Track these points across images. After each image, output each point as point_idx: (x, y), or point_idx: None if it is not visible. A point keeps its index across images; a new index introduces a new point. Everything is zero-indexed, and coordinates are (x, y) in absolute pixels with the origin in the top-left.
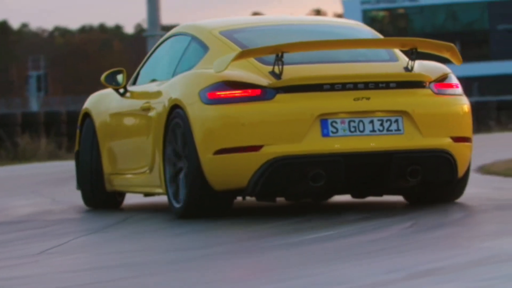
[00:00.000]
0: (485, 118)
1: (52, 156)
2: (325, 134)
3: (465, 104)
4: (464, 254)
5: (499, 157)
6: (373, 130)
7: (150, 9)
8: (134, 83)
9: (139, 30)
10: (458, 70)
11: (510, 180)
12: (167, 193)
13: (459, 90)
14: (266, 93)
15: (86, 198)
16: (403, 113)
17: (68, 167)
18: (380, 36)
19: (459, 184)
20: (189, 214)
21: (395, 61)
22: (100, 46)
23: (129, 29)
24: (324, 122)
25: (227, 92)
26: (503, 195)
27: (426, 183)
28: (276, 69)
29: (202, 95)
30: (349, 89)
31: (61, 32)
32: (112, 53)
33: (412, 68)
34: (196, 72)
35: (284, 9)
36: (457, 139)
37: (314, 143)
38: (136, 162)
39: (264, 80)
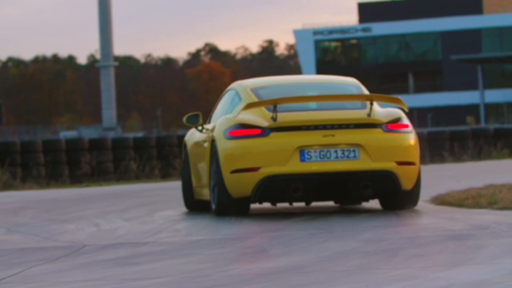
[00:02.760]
0: (438, 148)
1: (6, 186)
2: (302, 160)
3: (411, 139)
4: (417, 284)
5: (453, 188)
6: (337, 157)
7: (102, 40)
8: (209, 122)
9: (92, 60)
10: (412, 101)
11: (463, 210)
12: (210, 200)
13: (408, 128)
14: (264, 132)
15: (186, 204)
16: (359, 145)
17: (22, 197)
18: (364, 91)
19: (413, 195)
20: (219, 214)
21: (363, 109)
22: (53, 77)
23: (82, 59)
24: (302, 152)
25: (240, 131)
26: (456, 225)
27: (377, 194)
28: (274, 115)
29: (225, 133)
30: (320, 129)
31: (15, 63)
32: (65, 83)
33: (371, 113)
34: (225, 117)
35: (238, 40)
36: (400, 163)
37: (294, 166)
38: (203, 178)
39: (265, 123)
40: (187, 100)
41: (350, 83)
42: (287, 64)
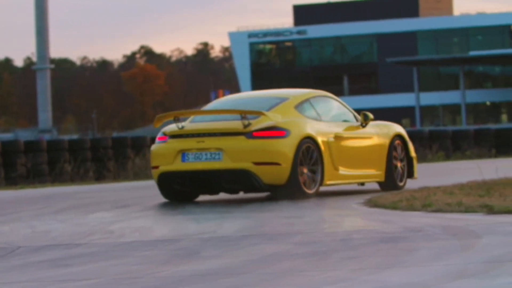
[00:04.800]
0: None
1: None
2: (183, 160)
3: (276, 144)
4: (349, 286)
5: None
6: (206, 159)
7: (39, 43)
8: None
9: (29, 63)
10: (347, 103)
11: (397, 213)
12: None
13: (281, 135)
14: (166, 139)
15: None
16: (222, 149)
17: None
18: (285, 104)
19: (289, 188)
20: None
21: (244, 120)
22: None
23: (18, 62)
24: (183, 154)
25: (159, 138)
26: (389, 228)
27: (241, 188)
28: (180, 126)
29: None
30: (195, 136)
31: None
32: (1, 85)
33: (248, 125)
34: None
35: (173, 43)
36: (258, 163)
37: (177, 165)
38: None
39: (171, 131)
40: (122, 103)
41: (277, 96)
42: (222, 66)
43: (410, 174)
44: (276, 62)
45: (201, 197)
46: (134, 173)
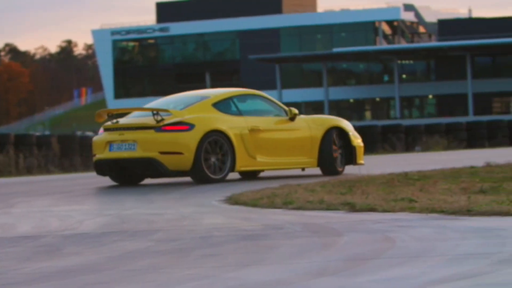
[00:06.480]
0: None
1: None
2: (110, 150)
3: (182, 137)
4: (209, 284)
5: (248, 188)
6: (125, 149)
7: None
8: None
9: None
10: None
11: (258, 210)
12: None
13: (186, 129)
14: (102, 132)
15: None
16: (136, 141)
17: None
18: (207, 100)
19: (195, 172)
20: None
21: (163, 116)
22: None
23: None
24: (111, 145)
25: (100, 131)
26: (250, 225)
27: (154, 173)
28: (115, 121)
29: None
30: (119, 130)
31: None
32: None
33: (161, 120)
34: None
35: (37, 40)
36: (163, 153)
37: (105, 154)
38: None
39: (106, 125)
40: None
41: (200, 95)
42: (85, 64)
43: (353, 161)
44: (139, 59)
45: (61, 194)
46: None
